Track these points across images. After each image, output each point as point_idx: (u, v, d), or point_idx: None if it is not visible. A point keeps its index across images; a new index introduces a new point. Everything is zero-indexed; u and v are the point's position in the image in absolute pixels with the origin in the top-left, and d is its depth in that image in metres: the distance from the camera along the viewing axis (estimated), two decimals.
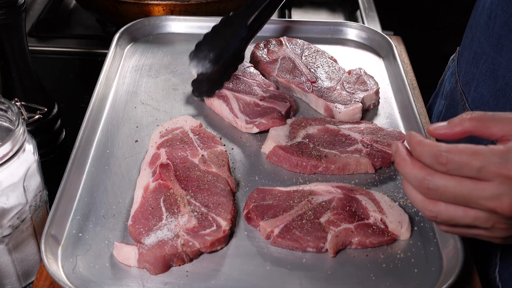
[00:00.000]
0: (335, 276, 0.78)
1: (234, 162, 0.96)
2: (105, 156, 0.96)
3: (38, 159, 0.85)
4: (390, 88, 1.14)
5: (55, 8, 1.55)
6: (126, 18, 1.28)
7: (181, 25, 1.27)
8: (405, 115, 1.05)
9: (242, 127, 1.01)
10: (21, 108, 0.86)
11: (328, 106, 1.04)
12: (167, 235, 0.79)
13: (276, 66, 1.14)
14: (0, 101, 0.82)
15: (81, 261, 0.79)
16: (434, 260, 0.80)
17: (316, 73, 1.12)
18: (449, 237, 0.80)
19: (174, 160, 0.90)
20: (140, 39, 1.25)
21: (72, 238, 0.82)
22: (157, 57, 1.20)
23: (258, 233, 0.83)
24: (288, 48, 1.18)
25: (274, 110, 1.02)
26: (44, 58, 1.38)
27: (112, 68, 1.13)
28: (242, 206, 0.87)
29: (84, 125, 0.97)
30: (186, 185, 0.87)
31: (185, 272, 0.78)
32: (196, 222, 0.81)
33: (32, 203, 0.83)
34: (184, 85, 1.13)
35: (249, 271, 0.78)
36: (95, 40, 1.42)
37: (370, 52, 1.24)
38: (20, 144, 0.79)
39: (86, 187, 0.90)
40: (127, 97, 1.09)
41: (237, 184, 0.91)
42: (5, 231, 0.80)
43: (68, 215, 0.85)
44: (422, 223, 0.85)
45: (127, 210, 0.86)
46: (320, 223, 0.81)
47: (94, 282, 0.76)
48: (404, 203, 0.88)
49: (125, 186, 0.90)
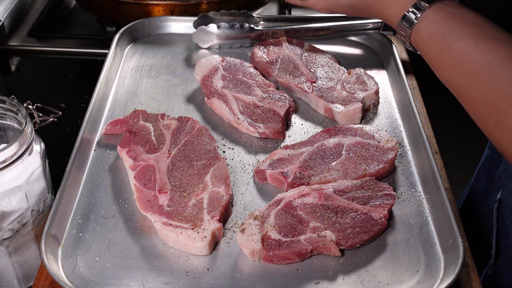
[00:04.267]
0: (335, 275, 0.78)
1: (233, 162, 0.96)
2: (105, 156, 0.96)
3: (46, 163, 0.85)
4: (390, 88, 1.14)
5: (55, 8, 1.55)
6: (126, 18, 1.28)
7: (181, 26, 1.27)
8: (405, 115, 1.05)
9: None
10: (33, 111, 0.86)
11: (328, 106, 1.04)
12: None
13: (276, 67, 1.14)
14: (11, 103, 0.82)
15: (81, 261, 0.79)
16: (434, 260, 0.80)
17: (316, 73, 1.12)
18: (449, 237, 0.81)
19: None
20: (140, 40, 1.25)
21: (72, 238, 0.82)
22: (157, 57, 1.20)
23: None
24: (288, 48, 1.18)
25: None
26: (44, 58, 1.38)
27: (112, 68, 1.13)
28: (242, 206, 0.88)
29: (84, 125, 0.97)
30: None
31: (185, 272, 0.78)
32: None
33: (35, 207, 0.83)
34: (184, 85, 1.13)
35: (249, 271, 0.78)
36: (95, 40, 1.42)
37: (370, 52, 1.24)
38: (27, 145, 0.79)
39: (86, 187, 0.90)
40: (127, 97, 1.09)
41: (234, 185, 0.91)
42: (5, 234, 0.80)
43: (68, 215, 0.85)
44: (422, 225, 0.86)
45: (127, 210, 0.86)
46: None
47: (94, 282, 0.76)
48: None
49: (125, 186, 0.90)
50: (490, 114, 0.68)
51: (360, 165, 0.92)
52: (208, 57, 1.14)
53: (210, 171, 0.89)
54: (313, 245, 0.79)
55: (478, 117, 0.71)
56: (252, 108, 1.03)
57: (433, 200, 0.88)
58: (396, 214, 0.87)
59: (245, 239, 0.80)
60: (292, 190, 0.87)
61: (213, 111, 1.07)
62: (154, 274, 0.77)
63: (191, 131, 0.96)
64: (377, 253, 0.81)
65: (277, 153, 0.95)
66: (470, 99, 0.71)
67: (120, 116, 1.03)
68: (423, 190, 0.91)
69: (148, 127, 0.97)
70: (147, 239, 0.82)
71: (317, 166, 0.92)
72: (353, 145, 0.95)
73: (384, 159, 0.93)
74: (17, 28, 1.43)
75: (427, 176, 0.91)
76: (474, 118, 0.72)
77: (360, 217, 0.83)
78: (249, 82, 1.09)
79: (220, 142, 0.99)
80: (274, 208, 0.84)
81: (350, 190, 0.87)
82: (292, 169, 0.91)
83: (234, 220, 0.86)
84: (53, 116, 0.89)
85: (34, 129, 0.83)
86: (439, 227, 0.84)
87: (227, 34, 1.22)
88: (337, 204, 0.84)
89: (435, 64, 0.78)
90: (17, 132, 0.84)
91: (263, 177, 0.92)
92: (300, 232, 0.81)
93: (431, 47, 0.79)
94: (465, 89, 0.72)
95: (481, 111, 0.70)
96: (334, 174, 0.90)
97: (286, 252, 0.79)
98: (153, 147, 0.94)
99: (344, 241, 0.80)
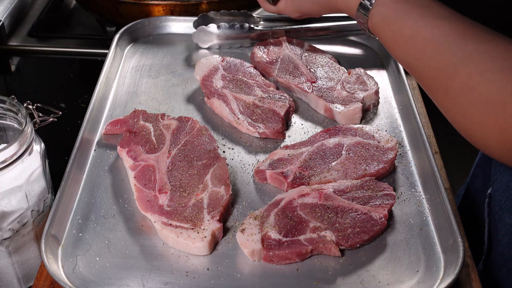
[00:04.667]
0: (335, 275, 0.78)
1: (233, 162, 0.96)
2: (105, 156, 0.96)
3: (46, 163, 0.85)
4: (390, 88, 1.14)
5: (55, 8, 1.55)
6: (126, 18, 1.28)
7: (181, 26, 1.27)
8: (405, 115, 1.05)
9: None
10: (33, 111, 0.86)
11: (328, 106, 1.04)
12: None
13: (276, 67, 1.14)
14: (11, 103, 0.82)
15: (81, 261, 0.79)
16: (434, 260, 0.80)
17: (316, 73, 1.12)
18: (449, 237, 0.81)
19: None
20: (140, 40, 1.25)
21: (72, 238, 0.82)
22: (157, 57, 1.20)
23: None
24: (288, 48, 1.18)
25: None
26: (44, 58, 1.38)
27: (112, 68, 1.13)
28: (242, 206, 0.88)
29: (84, 125, 0.97)
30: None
31: (185, 272, 0.78)
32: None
33: (35, 208, 0.83)
34: (184, 85, 1.13)
35: (249, 271, 0.78)
36: (95, 40, 1.42)
37: (370, 52, 1.24)
38: (27, 145, 0.79)
39: (86, 187, 0.90)
40: (127, 98, 1.09)
41: (234, 185, 0.91)
42: (5, 234, 0.80)
43: (68, 215, 0.85)
44: (422, 225, 0.86)
45: (127, 210, 0.86)
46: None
47: (94, 282, 0.76)
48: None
49: (125, 186, 0.90)
50: (438, 85, 0.75)
51: (360, 165, 0.92)
52: (208, 57, 1.14)
53: (210, 171, 0.89)
54: (313, 245, 0.79)
55: (430, 90, 0.77)
56: (252, 108, 1.03)
57: (433, 200, 0.88)
58: (396, 214, 0.87)
59: (245, 239, 0.80)
60: (292, 190, 0.87)
61: (213, 111, 1.07)
62: (154, 274, 0.77)
63: (191, 131, 0.96)
64: (377, 253, 0.81)
65: (277, 153, 0.95)
66: (421, 74, 0.78)
67: (120, 116, 1.03)
68: (423, 190, 0.91)
69: (148, 127, 0.97)
70: (147, 239, 0.82)
71: (317, 166, 0.92)
72: (353, 145, 0.95)
73: (384, 159, 0.93)
74: (17, 28, 1.43)
75: (427, 176, 0.91)
76: (426, 91, 0.79)
77: (360, 217, 0.83)
78: (249, 82, 1.09)
79: (220, 142, 0.99)
80: (274, 208, 0.84)
81: (350, 190, 0.87)
82: (292, 169, 0.91)
83: (234, 220, 0.86)
84: (53, 116, 0.89)
85: (34, 129, 0.83)
86: (439, 227, 0.84)
87: (227, 34, 1.22)
88: (337, 204, 0.84)
89: (390, 45, 0.85)
90: (17, 132, 0.84)
91: (263, 177, 0.92)
92: (300, 232, 0.81)
93: (385, 30, 0.86)
94: (416, 65, 0.78)
95: (431, 83, 0.76)
96: (334, 174, 0.90)
97: (286, 252, 0.79)
98: (153, 147, 0.94)
99: (344, 241, 0.80)
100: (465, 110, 0.71)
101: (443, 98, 0.75)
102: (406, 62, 0.82)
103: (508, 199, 0.90)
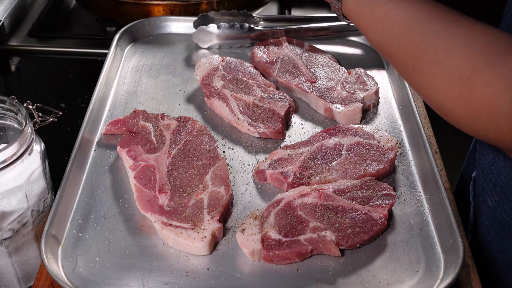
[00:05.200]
0: (335, 275, 0.78)
1: (233, 162, 0.96)
2: (105, 156, 0.96)
3: (46, 163, 0.85)
4: (390, 88, 1.14)
5: (55, 8, 1.55)
6: (126, 18, 1.28)
7: (181, 26, 1.27)
8: (405, 115, 1.05)
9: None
10: (33, 111, 0.86)
11: (328, 106, 1.04)
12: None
13: (276, 67, 1.14)
14: (11, 103, 0.82)
15: (81, 261, 0.79)
16: (434, 260, 0.80)
17: (316, 73, 1.12)
18: (449, 237, 0.81)
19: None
20: (140, 40, 1.25)
21: (72, 238, 0.82)
22: (157, 57, 1.20)
23: None
24: (288, 48, 1.18)
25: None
26: (44, 58, 1.38)
27: (112, 68, 1.13)
28: (242, 206, 0.88)
29: (84, 125, 0.97)
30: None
31: (185, 272, 0.78)
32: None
33: (35, 208, 0.83)
34: (184, 85, 1.13)
35: (249, 271, 0.78)
36: (95, 40, 1.42)
37: (370, 52, 1.24)
38: (27, 145, 0.79)
39: (86, 187, 0.90)
40: (127, 98, 1.09)
41: (234, 185, 0.91)
42: (5, 234, 0.80)
43: (68, 215, 0.85)
44: (422, 225, 0.86)
45: (127, 210, 0.86)
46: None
47: (94, 282, 0.76)
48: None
49: (125, 186, 0.90)
50: (407, 63, 0.78)
51: (360, 165, 0.92)
52: (208, 57, 1.14)
53: (210, 171, 0.89)
54: (313, 245, 0.79)
55: (400, 68, 0.81)
56: (252, 108, 1.03)
57: (433, 200, 0.88)
58: (396, 214, 0.87)
59: (245, 239, 0.80)
60: (292, 190, 0.87)
61: (213, 111, 1.07)
62: (154, 274, 0.77)
63: (191, 131, 0.96)
64: (377, 253, 0.81)
65: (277, 153, 0.95)
66: (391, 53, 0.82)
67: (120, 116, 1.03)
68: (423, 190, 0.91)
69: (148, 127, 0.97)
70: (147, 239, 0.82)
71: (317, 166, 0.92)
72: (353, 145, 0.95)
73: (384, 159, 0.93)
74: (17, 28, 1.43)
75: (427, 176, 0.91)
76: (397, 69, 0.82)
77: (360, 217, 0.83)
78: (249, 82, 1.09)
79: (220, 142, 0.99)
80: (274, 208, 0.84)
81: (350, 190, 0.87)
82: (292, 169, 0.91)
83: (234, 220, 0.86)
84: (53, 116, 0.89)
85: (34, 129, 0.83)
86: (439, 227, 0.84)
87: (227, 34, 1.22)
88: (337, 204, 0.84)
89: (363, 28, 0.89)
90: (17, 132, 0.84)
91: (263, 177, 0.92)
92: (300, 232, 0.81)
93: (358, 14, 0.90)
94: (386, 45, 0.82)
95: (401, 61, 0.80)
96: (334, 174, 0.90)
97: (286, 252, 0.79)
98: (153, 147, 0.94)
99: (344, 241, 0.80)
100: (433, 85, 0.74)
101: (411, 75, 0.78)
102: (377, 42, 0.85)
103: (490, 182, 0.92)
